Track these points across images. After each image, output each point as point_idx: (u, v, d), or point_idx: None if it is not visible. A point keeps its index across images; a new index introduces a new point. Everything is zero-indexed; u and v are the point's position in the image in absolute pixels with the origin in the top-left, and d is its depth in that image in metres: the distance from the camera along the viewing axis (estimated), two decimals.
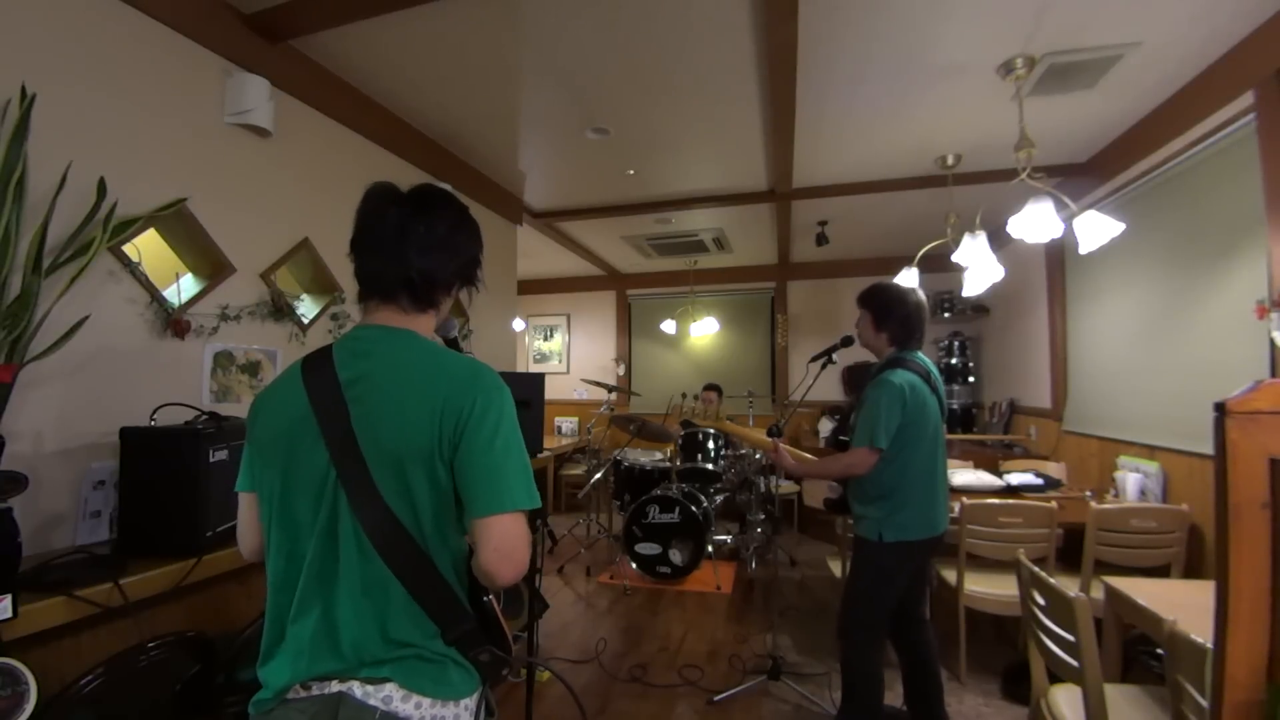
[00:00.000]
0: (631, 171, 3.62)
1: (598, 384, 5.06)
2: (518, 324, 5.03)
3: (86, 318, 1.57)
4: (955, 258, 3.02)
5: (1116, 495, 2.96)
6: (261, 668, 0.91)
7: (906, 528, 1.97)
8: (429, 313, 1.01)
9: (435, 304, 1.02)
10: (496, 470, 0.89)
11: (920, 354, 2.11)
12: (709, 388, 5.19)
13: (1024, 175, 2.45)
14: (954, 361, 5.20)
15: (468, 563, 0.97)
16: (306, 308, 2.47)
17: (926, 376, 2.04)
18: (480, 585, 0.98)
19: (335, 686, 0.86)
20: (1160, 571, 2.44)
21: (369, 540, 0.87)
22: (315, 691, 0.87)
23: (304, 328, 2.38)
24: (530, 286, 6.68)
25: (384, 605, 0.87)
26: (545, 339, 7.01)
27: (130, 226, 1.70)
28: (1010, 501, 2.65)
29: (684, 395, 2.72)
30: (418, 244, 0.97)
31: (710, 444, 4.39)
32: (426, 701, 0.87)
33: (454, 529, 0.93)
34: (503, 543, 0.88)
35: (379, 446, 0.88)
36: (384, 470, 0.88)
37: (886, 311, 2.10)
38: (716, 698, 2.52)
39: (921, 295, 2.13)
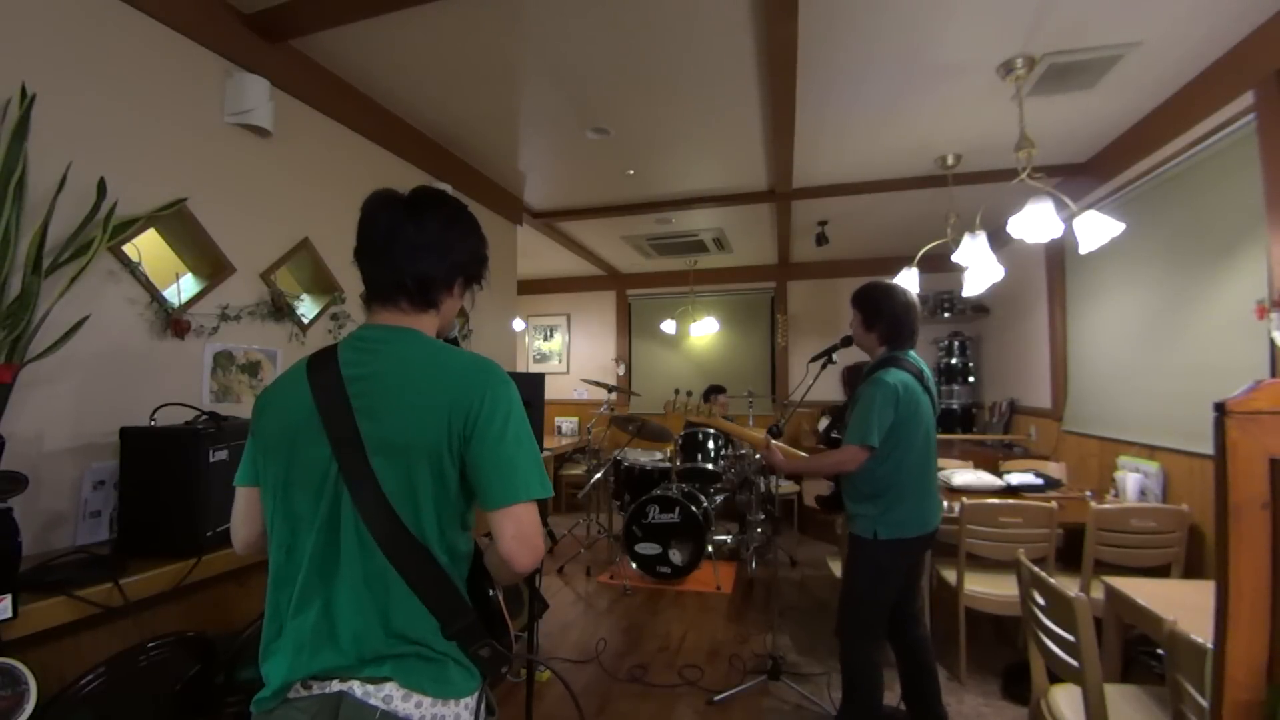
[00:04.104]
0: (631, 171, 3.62)
1: (598, 384, 5.05)
2: (518, 324, 5.03)
3: (86, 318, 1.57)
4: (955, 258, 3.02)
5: (1116, 495, 2.96)
6: (263, 664, 0.91)
7: (901, 525, 1.98)
8: (429, 312, 1.02)
9: (435, 303, 1.02)
10: (509, 462, 0.90)
11: (913, 353, 2.12)
12: (718, 389, 5.09)
13: (1024, 175, 2.45)
14: (954, 361, 5.19)
15: (467, 557, 0.98)
16: (306, 308, 2.47)
17: (920, 375, 2.05)
18: (485, 580, 0.99)
19: (336, 686, 0.87)
20: (1160, 571, 2.45)
21: (369, 534, 0.88)
22: (316, 690, 0.88)
23: (304, 328, 2.38)
24: (530, 286, 6.68)
25: (385, 599, 0.88)
26: (545, 339, 7.01)
27: (130, 226, 1.70)
28: (1010, 501, 2.65)
29: (676, 391, 2.71)
30: (408, 246, 0.98)
31: (710, 444, 4.39)
32: (427, 701, 0.88)
33: (454, 525, 0.93)
34: (520, 531, 0.90)
35: (383, 442, 0.89)
36: (386, 465, 0.89)
37: (875, 311, 2.12)
38: (716, 698, 2.53)
39: (912, 294, 2.14)
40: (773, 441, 2.24)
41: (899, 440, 1.98)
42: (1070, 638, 1.46)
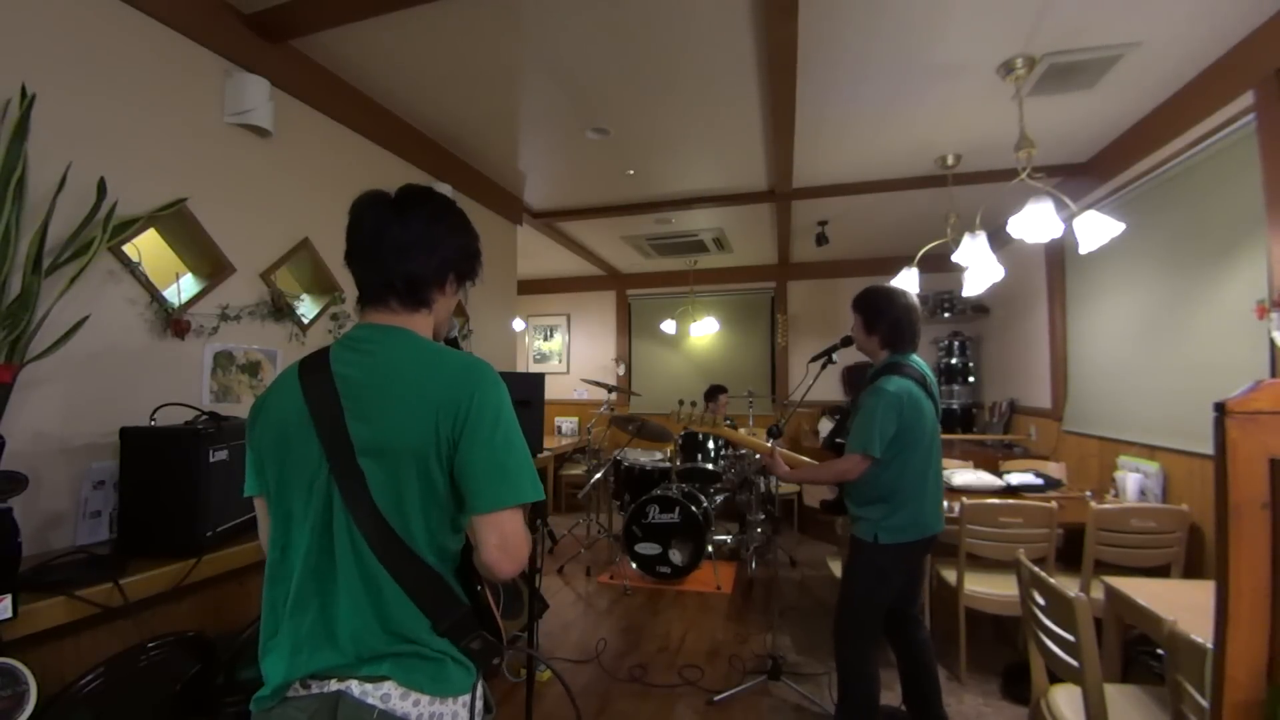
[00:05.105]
0: (631, 171, 3.62)
1: (598, 384, 5.05)
2: (518, 324, 5.03)
3: (86, 318, 1.57)
4: (955, 258, 3.02)
5: (1116, 495, 2.96)
6: (261, 661, 0.92)
7: (901, 530, 1.98)
8: (421, 311, 1.01)
9: (426, 302, 1.01)
10: (499, 465, 0.89)
11: (915, 357, 2.11)
12: (719, 390, 5.07)
13: (1024, 175, 2.45)
14: (954, 361, 5.19)
15: (458, 555, 0.97)
16: (306, 308, 2.47)
17: (922, 381, 2.04)
18: (473, 575, 0.98)
19: (334, 685, 0.87)
20: (1160, 571, 2.45)
21: (361, 535, 0.88)
22: (314, 690, 0.88)
23: (304, 328, 2.38)
24: (530, 286, 6.68)
25: (379, 598, 0.88)
26: (545, 339, 7.01)
27: (130, 226, 1.70)
28: (1010, 501, 2.65)
29: (681, 402, 2.71)
30: (394, 245, 0.97)
31: (710, 444, 4.40)
32: (425, 699, 0.88)
33: (444, 528, 0.93)
34: (504, 538, 0.89)
35: (370, 443, 0.89)
36: (373, 467, 0.88)
37: (876, 315, 2.11)
38: (716, 698, 2.52)
39: (913, 297, 2.13)
40: (777, 449, 2.24)
41: (903, 447, 1.97)
42: (1070, 638, 1.46)
